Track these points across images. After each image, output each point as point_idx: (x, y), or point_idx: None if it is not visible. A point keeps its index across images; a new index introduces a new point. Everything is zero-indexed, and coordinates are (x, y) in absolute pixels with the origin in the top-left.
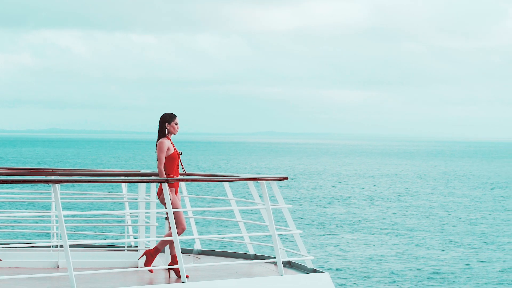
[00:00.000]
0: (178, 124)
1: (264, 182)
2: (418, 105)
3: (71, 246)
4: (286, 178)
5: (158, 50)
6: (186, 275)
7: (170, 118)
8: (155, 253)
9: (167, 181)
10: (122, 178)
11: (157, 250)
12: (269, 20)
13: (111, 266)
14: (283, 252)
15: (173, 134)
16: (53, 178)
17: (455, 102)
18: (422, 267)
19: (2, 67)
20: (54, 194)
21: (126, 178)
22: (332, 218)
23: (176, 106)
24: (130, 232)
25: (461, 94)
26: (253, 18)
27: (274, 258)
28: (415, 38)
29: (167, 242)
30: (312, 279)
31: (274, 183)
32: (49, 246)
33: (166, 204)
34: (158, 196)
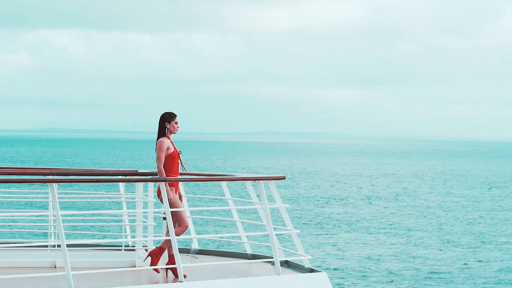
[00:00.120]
0: (178, 123)
1: (261, 181)
2: (415, 104)
3: (69, 245)
4: (284, 178)
5: (156, 50)
6: (184, 275)
7: (170, 118)
8: (160, 252)
9: (165, 180)
10: (120, 177)
11: (161, 249)
12: (266, 19)
13: (109, 265)
14: (281, 251)
15: (173, 134)
16: (50, 177)
17: (453, 101)
18: (420, 267)
19: None
20: (52, 193)
21: (124, 177)
22: (329, 218)
23: (173, 105)
24: (128, 231)
25: (458, 93)
26: (250, 18)
27: (272, 257)
28: (413, 38)
29: (170, 240)
30: (309, 279)
31: (271, 183)
32: (46, 246)
33: (164, 203)
34: (158, 195)
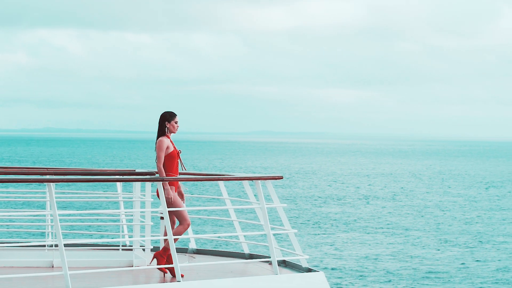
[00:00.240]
0: (178, 123)
1: (259, 181)
2: (413, 104)
3: (66, 245)
4: (281, 177)
5: (153, 50)
6: (181, 274)
7: (170, 117)
8: (165, 253)
9: (162, 180)
10: (117, 177)
11: (165, 249)
12: (264, 19)
13: (106, 265)
14: (278, 251)
15: (172, 133)
16: (48, 177)
17: (451, 101)
18: (418, 266)
19: None
20: (49, 193)
21: (121, 177)
22: (327, 217)
23: (171, 105)
24: (125, 231)
25: (456, 93)
26: (248, 18)
27: (269, 257)
28: (410, 38)
29: (174, 241)
30: (307, 278)
31: (269, 182)
32: (44, 245)
33: (161, 203)
34: (158, 194)
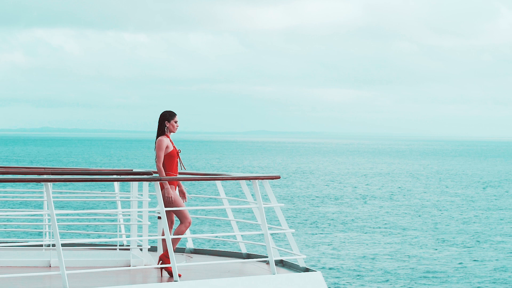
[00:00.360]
0: (178, 122)
1: (256, 181)
2: (410, 104)
3: (64, 245)
4: (279, 177)
5: (150, 49)
6: (179, 274)
7: (170, 116)
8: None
9: (160, 180)
10: (115, 177)
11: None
12: (261, 19)
13: (104, 265)
14: (276, 251)
15: (172, 132)
16: (45, 177)
17: (447, 100)
18: (415, 266)
19: None
20: (47, 193)
21: (118, 177)
22: (324, 217)
23: (168, 105)
24: (123, 231)
25: (452, 92)
26: (245, 17)
27: (267, 257)
28: (407, 37)
29: (177, 240)
30: (304, 278)
31: (266, 182)
32: (41, 245)
33: (159, 202)
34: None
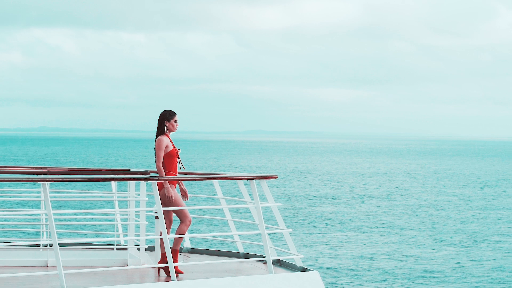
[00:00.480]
0: (178, 122)
1: (254, 180)
2: (408, 103)
3: (61, 244)
4: (276, 177)
5: (148, 49)
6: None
7: (170, 116)
8: (175, 255)
9: (157, 179)
10: (112, 176)
11: (174, 251)
12: (259, 18)
13: (101, 264)
14: (273, 250)
15: (172, 132)
16: (42, 176)
17: (445, 100)
18: (413, 266)
19: None
20: (44, 192)
21: (116, 176)
22: (322, 217)
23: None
24: (120, 230)
25: (450, 92)
26: (243, 17)
27: (264, 256)
28: (405, 37)
29: (180, 239)
30: (301, 278)
31: (264, 182)
32: (38, 245)
33: (156, 202)
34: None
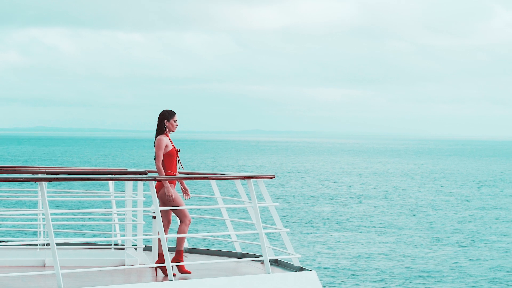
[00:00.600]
0: (177, 121)
1: (251, 180)
2: (405, 103)
3: (58, 244)
4: (273, 177)
5: (145, 48)
6: (173, 274)
7: (169, 115)
8: (179, 256)
9: (154, 179)
10: (109, 176)
11: (178, 252)
12: (256, 18)
13: (98, 264)
14: (270, 250)
15: (171, 132)
16: (40, 176)
17: (442, 100)
18: (410, 265)
19: None
20: (41, 192)
21: (113, 176)
22: (319, 217)
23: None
24: (117, 230)
25: (447, 92)
26: (240, 16)
27: (261, 256)
28: (402, 36)
29: (182, 239)
30: (299, 277)
31: (261, 182)
32: (35, 245)
33: (153, 201)
34: (157, 192)
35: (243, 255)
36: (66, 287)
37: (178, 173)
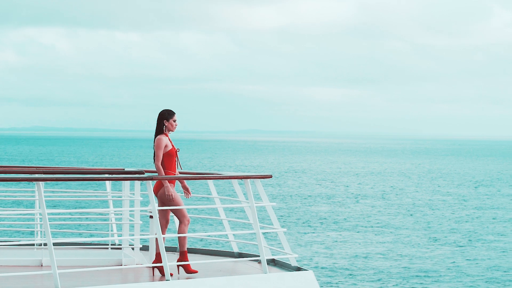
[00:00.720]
0: (177, 121)
1: (248, 180)
2: (402, 103)
3: (55, 244)
4: (271, 176)
5: (142, 48)
6: (170, 273)
7: (169, 115)
8: (184, 257)
9: (151, 179)
10: (106, 176)
11: (182, 253)
12: (253, 18)
13: (95, 264)
14: (267, 250)
15: (171, 131)
16: (37, 176)
17: (439, 100)
18: (407, 265)
19: None
20: (38, 192)
21: (110, 176)
22: (316, 216)
23: (160, 104)
24: (114, 230)
25: (445, 92)
26: (237, 16)
27: (258, 256)
28: (400, 36)
29: (184, 239)
30: (296, 277)
31: (258, 181)
32: (33, 244)
33: (150, 201)
34: (156, 192)
35: (240, 255)
36: (63, 287)
37: (178, 173)
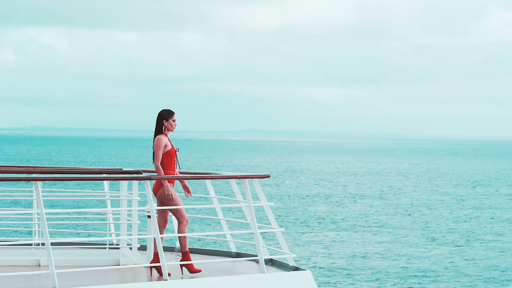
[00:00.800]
0: (176, 121)
1: (246, 180)
2: (401, 103)
3: (53, 244)
4: (269, 176)
5: (141, 48)
6: (168, 273)
7: (168, 115)
8: (186, 257)
9: (149, 179)
10: (104, 176)
11: (185, 254)
12: (252, 18)
13: (93, 264)
14: (265, 250)
15: (170, 131)
16: (35, 176)
17: (438, 100)
18: (405, 265)
19: None
20: (36, 192)
21: (108, 176)
22: (314, 216)
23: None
24: (112, 230)
25: (444, 92)
26: (236, 16)
27: (256, 256)
28: (399, 36)
29: (185, 240)
30: (294, 277)
31: (256, 181)
32: (30, 244)
33: (148, 201)
34: (155, 192)
35: (238, 255)
36: (61, 287)
37: (178, 172)
